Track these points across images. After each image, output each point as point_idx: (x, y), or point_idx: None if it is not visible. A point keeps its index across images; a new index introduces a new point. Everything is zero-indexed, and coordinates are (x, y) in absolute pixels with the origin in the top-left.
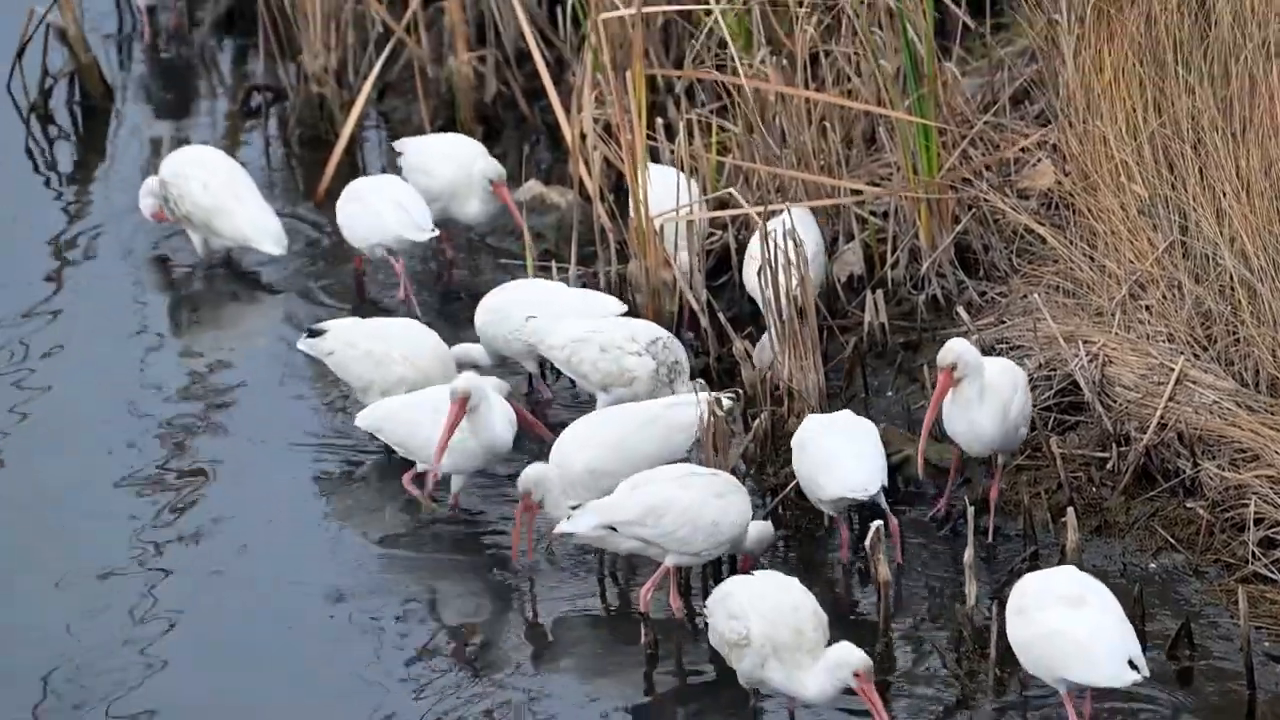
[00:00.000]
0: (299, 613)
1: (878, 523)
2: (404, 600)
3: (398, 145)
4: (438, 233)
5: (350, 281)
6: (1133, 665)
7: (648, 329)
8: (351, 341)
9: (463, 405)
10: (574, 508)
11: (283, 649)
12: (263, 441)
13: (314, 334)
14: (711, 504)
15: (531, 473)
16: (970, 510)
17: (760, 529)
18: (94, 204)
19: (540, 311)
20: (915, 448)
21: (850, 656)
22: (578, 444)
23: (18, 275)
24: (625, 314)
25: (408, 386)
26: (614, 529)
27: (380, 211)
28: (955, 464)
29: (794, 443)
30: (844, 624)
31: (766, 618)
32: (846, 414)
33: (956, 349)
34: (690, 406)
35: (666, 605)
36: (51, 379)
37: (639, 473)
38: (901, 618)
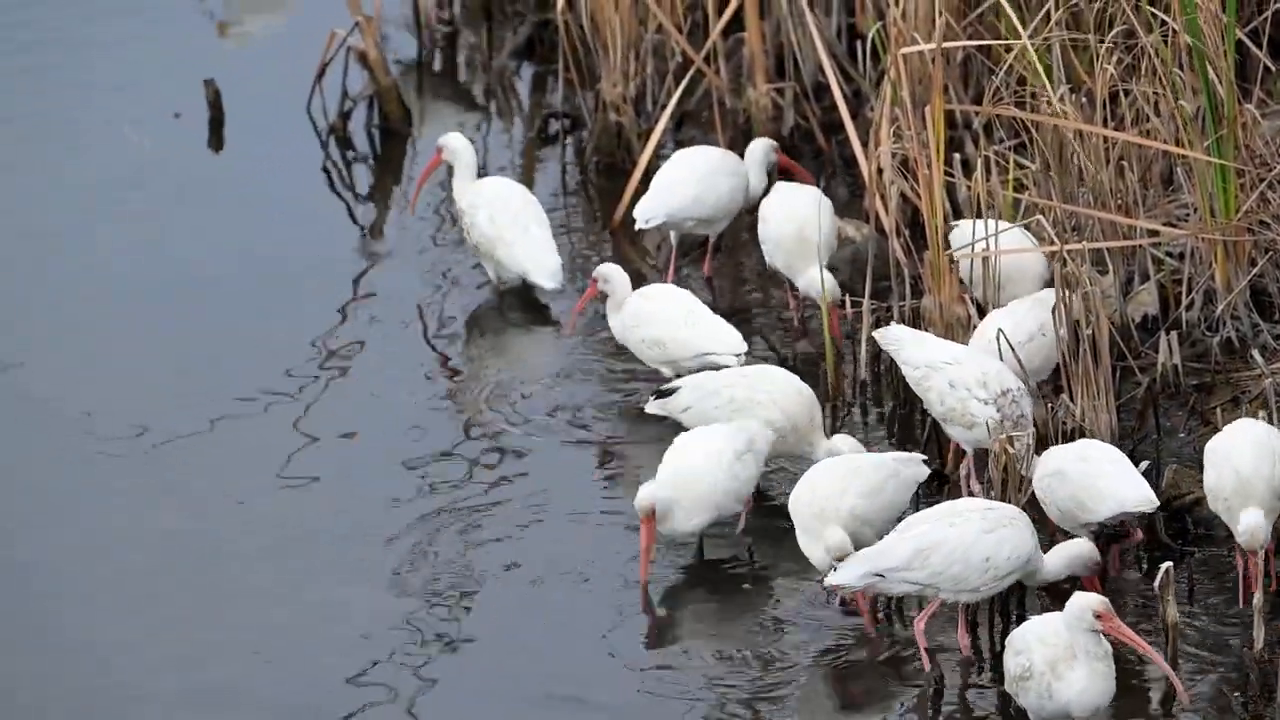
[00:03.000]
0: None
1: (1168, 564)
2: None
3: None
4: None
5: None
6: None
7: (1001, 376)
8: (712, 390)
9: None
10: (839, 560)
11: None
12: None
13: (664, 394)
14: (983, 540)
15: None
16: (1262, 553)
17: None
18: (389, 227)
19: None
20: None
21: (1084, 600)
22: (837, 489)
23: (314, 300)
24: None
25: (774, 430)
26: (882, 576)
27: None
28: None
29: (1046, 472)
30: (1127, 664)
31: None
32: (1092, 441)
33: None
34: (919, 466)
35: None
36: (334, 408)
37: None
38: (1186, 660)
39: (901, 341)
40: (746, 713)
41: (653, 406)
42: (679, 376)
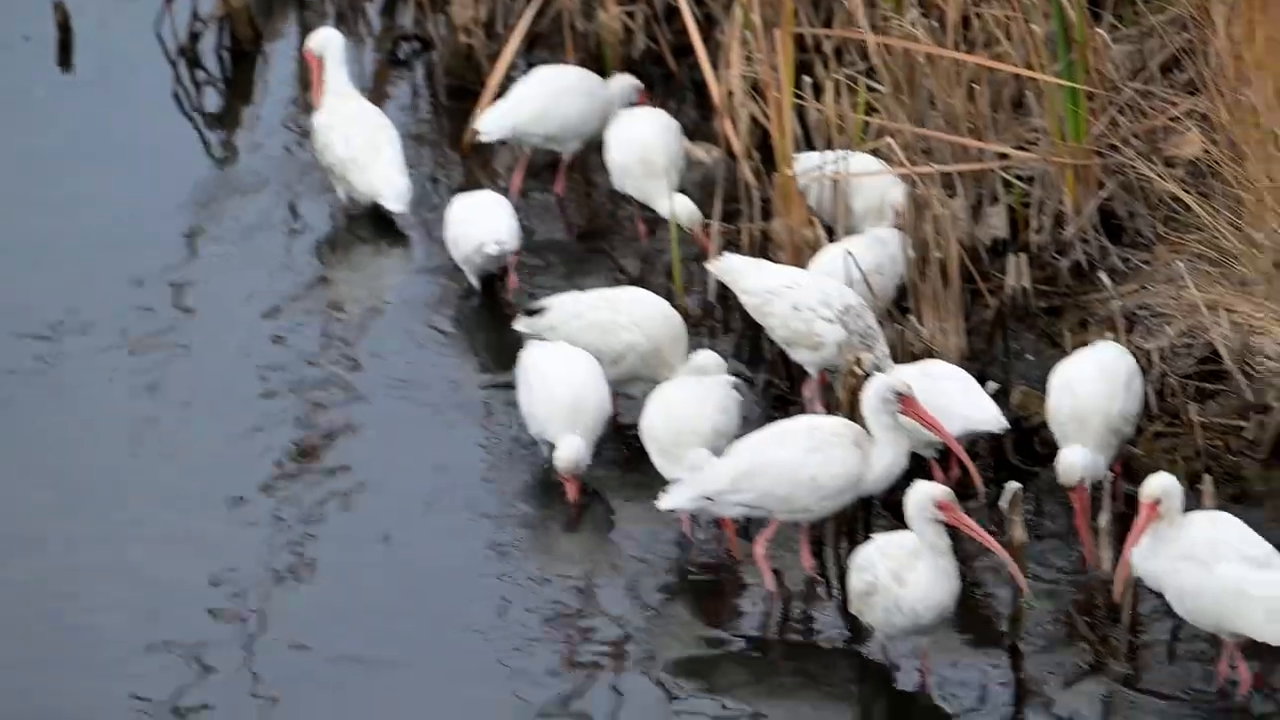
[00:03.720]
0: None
1: (1015, 484)
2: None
3: None
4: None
5: None
6: None
7: (843, 293)
8: (577, 313)
9: None
10: (673, 482)
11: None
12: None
13: (532, 313)
14: (809, 459)
15: (574, 451)
16: (1109, 475)
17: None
18: (240, 149)
19: None
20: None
21: (926, 489)
22: (694, 410)
23: (162, 221)
24: None
25: (638, 354)
26: (711, 499)
27: None
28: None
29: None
30: (974, 586)
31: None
32: (938, 361)
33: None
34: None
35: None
36: (187, 329)
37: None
38: (1034, 580)
39: (737, 271)
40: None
41: (520, 324)
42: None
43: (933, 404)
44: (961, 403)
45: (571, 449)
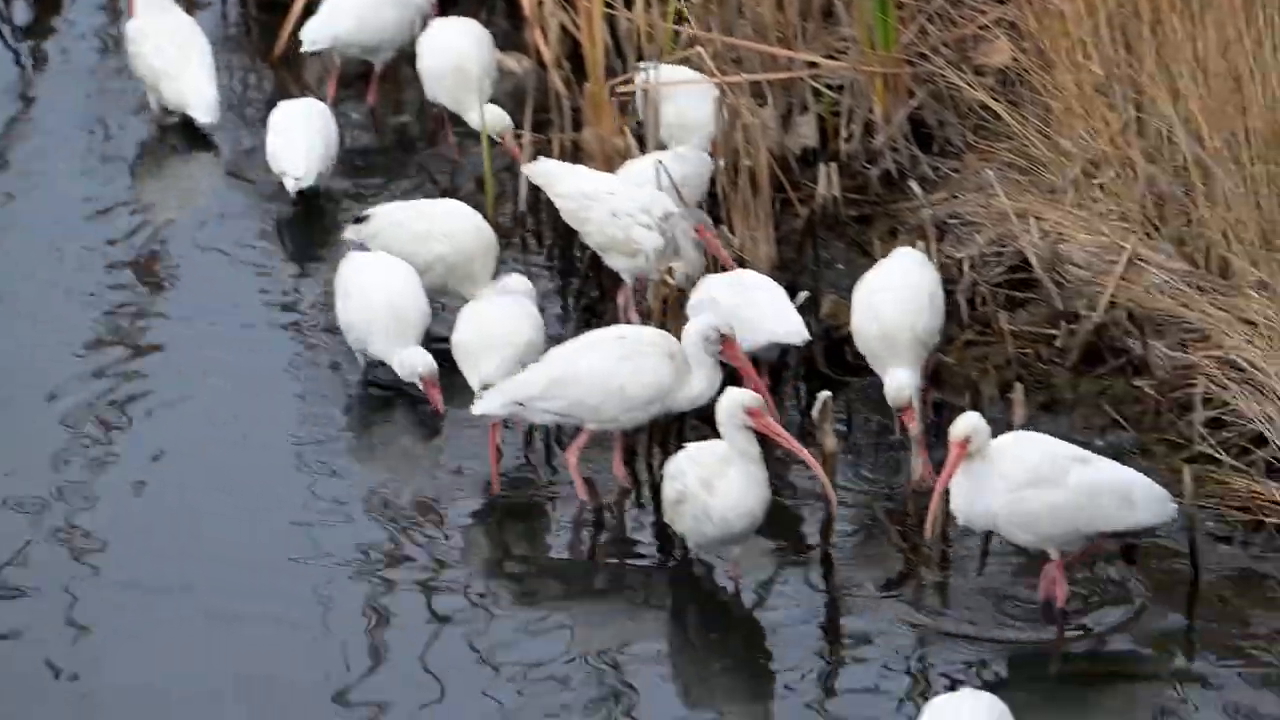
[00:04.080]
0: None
1: (825, 393)
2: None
3: None
4: None
5: None
6: None
7: (661, 200)
8: (398, 221)
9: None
10: (484, 388)
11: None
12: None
13: (360, 220)
14: (619, 368)
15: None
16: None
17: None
18: (50, 57)
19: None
20: None
21: (736, 396)
22: (510, 325)
23: None
24: None
25: (446, 265)
26: (522, 405)
27: None
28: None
29: (700, 299)
30: (786, 496)
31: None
32: (746, 271)
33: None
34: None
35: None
36: None
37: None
38: (846, 491)
39: (553, 175)
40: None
41: (349, 232)
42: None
43: (740, 315)
44: (767, 314)
45: (421, 358)
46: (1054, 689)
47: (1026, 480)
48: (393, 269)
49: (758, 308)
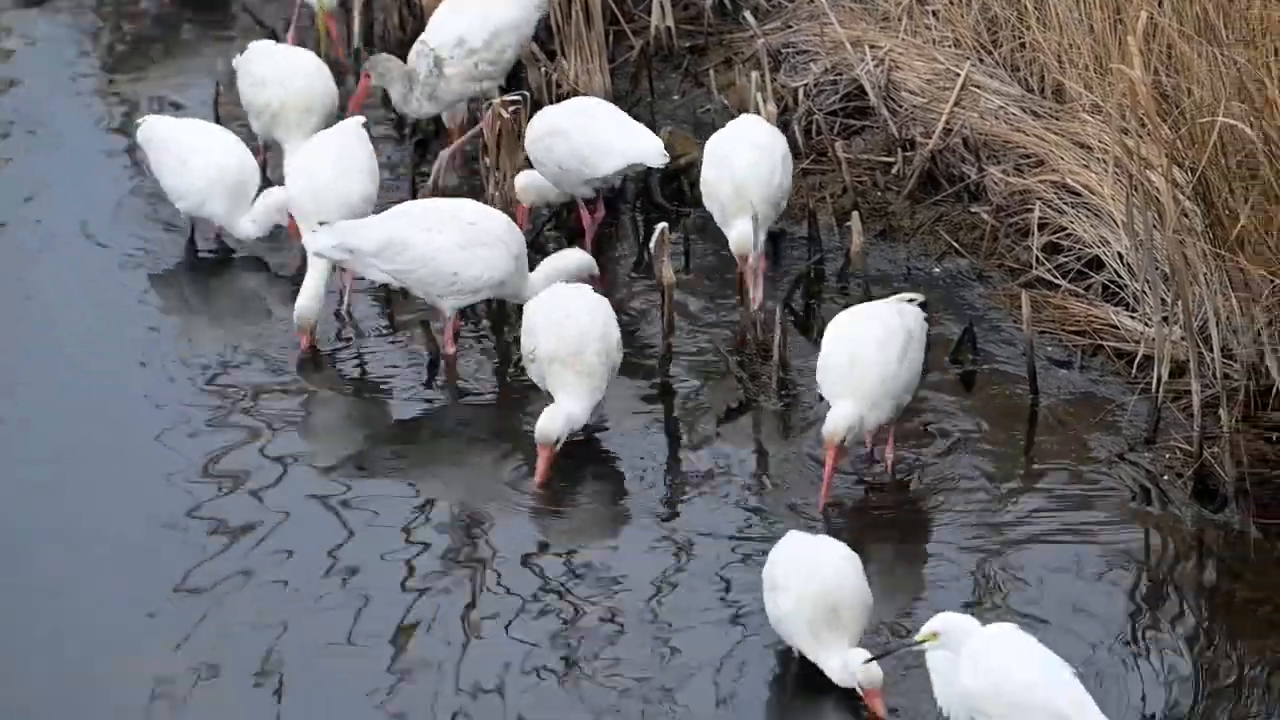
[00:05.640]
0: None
1: (662, 225)
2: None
3: None
4: None
5: None
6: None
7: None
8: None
9: None
10: (321, 223)
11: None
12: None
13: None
14: (456, 255)
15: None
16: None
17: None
18: None
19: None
20: (701, 151)
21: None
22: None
23: None
24: None
25: (272, 114)
26: (352, 253)
27: None
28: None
29: (545, 132)
30: (628, 327)
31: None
32: (589, 98)
33: None
34: None
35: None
36: None
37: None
38: (684, 321)
39: None
40: None
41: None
42: None
43: (592, 141)
44: (622, 136)
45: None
46: (893, 516)
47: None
48: (210, 131)
49: (611, 132)
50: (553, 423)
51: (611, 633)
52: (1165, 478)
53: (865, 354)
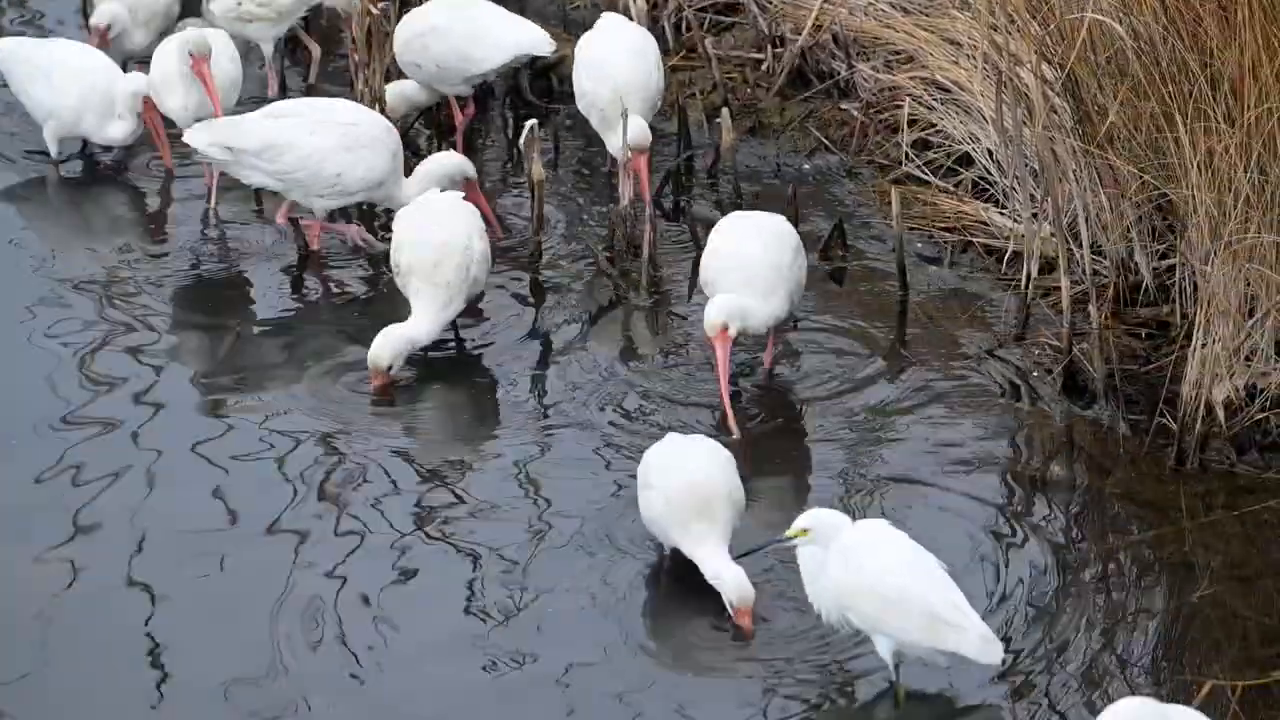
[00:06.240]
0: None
1: (532, 121)
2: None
3: None
4: None
5: None
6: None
7: None
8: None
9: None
10: (199, 119)
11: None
12: None
13: None
14: (339, 157)
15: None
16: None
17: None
18: None
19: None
20: (571, 47)
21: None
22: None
23: None
24: None
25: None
26: (231, 151)
27: None
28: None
29: (421, 30)
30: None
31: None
32: None
33: None
34: None
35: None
36: None
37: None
38: (555, 218)
39: None
40: None
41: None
42: None
43: (476, 34)
44: (509, 28)
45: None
46: (764, 415)
47: None
48: (82, 50)
49: (496, 26)
50: (383, 349)
51: (477, 529)
52: (1035, 374)
53: (753, 249)
